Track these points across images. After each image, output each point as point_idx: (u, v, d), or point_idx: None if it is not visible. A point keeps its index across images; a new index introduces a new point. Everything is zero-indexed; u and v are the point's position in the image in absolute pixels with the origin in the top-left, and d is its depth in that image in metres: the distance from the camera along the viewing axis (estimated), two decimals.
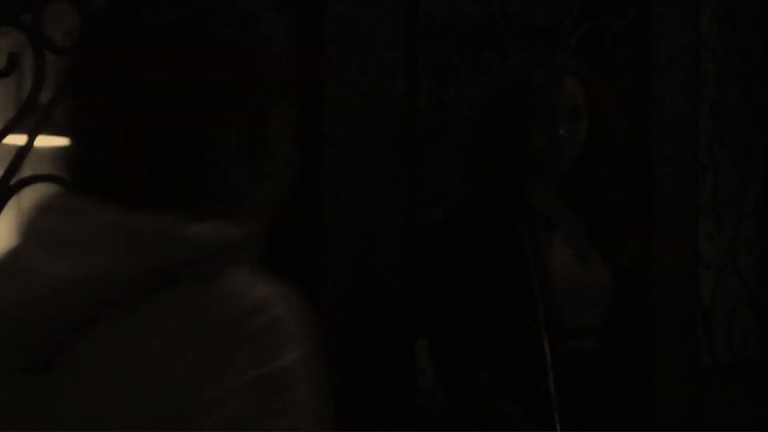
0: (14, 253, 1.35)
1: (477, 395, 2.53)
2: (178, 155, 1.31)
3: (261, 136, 1.37)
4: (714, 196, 4.55)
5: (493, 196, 2.60)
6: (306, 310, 1.35)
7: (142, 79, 1.30)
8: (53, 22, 2.44)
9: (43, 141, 2.48)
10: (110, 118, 1.32)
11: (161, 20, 1.31)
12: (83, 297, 1.27)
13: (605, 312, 2.67)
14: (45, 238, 1.32)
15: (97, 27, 1.39)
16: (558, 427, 2.51)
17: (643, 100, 3.89)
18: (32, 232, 1.35)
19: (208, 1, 1.34)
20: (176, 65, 1.30)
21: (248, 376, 1.25)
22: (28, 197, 2.70)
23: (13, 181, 2.38)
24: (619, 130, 2.75)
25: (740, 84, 4.64)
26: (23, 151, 2.39)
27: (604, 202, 2.75)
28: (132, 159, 1.31)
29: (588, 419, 2.60)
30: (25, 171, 2.40)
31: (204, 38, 1.32)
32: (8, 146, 2.46)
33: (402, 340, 3.14)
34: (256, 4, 1.38)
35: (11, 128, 2.38)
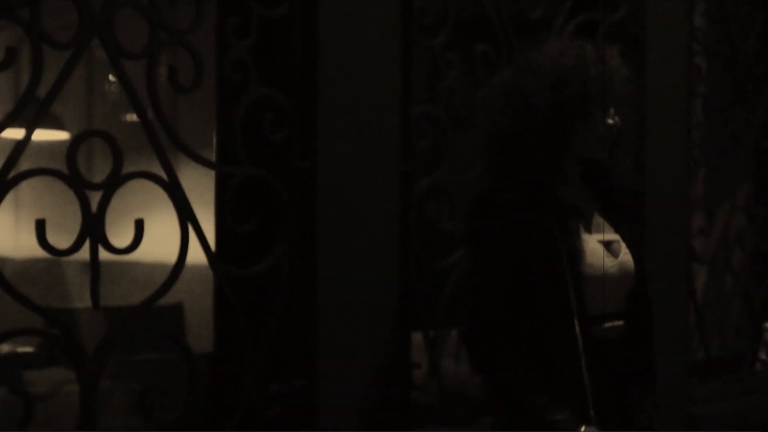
0: None
1: (512, 383, 2.52)
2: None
3: None
4: (706, 192, 4.57)
5: (524, 183, 2.59)
6: None
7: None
8: (51, 16, 2.44)
9: (41, 135, 2.48)
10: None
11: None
12: None
13: (629, 298, 2.70)
14: None
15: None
16: (592, 413, 2.53)
17: (637, 95, 3.90)
18: None
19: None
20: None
21: None
22: (25, 191, 2.72)
23: (11, 174, 2.38)
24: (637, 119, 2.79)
25: (732, 79, 4.65)
26: (21, 145, 2.39)
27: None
28: None
29: (614, 405, 2.63)
30: (23, 165, 2.40)
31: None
32: (6, 140, 2.46)
33: (397, 334, 3.15)
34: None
35: (9, 122, 2.37)
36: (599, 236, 2.67)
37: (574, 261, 2.56)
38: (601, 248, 2.64)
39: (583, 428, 2.48)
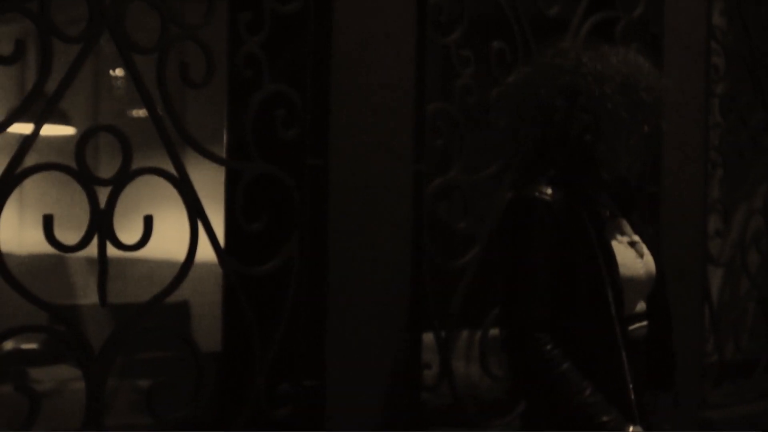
0: None
1: (558, 384, 2.50)
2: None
3: None
4: (723, 193, 4.53)
5: (563, 184, 2.57)
6: None
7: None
8: (60, 10, 2.42)
9: (49, 130, 2.46)
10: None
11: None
12: None
13: (651, 298, 2.70)
14: None
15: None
16: (636, 412, 2.52)
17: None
18: None
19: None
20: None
21: None
22: (31, 186, 2.70)
23: (18, 169, 2.36)
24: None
25: (750, 79, 4.61)
26: (28, 140, 2.37)
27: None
28: None
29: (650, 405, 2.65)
30: (31, 160, 2.38)
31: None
32: (13, 135, 2.44)
33: (408, 335, 3.12)
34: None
35: (16, 117, 2.35)
36: (626, 238, 2.67)
37: (610, 262, 2.55)
38: (629, 249, 2.64)
39: (630, 428, 2.47)
